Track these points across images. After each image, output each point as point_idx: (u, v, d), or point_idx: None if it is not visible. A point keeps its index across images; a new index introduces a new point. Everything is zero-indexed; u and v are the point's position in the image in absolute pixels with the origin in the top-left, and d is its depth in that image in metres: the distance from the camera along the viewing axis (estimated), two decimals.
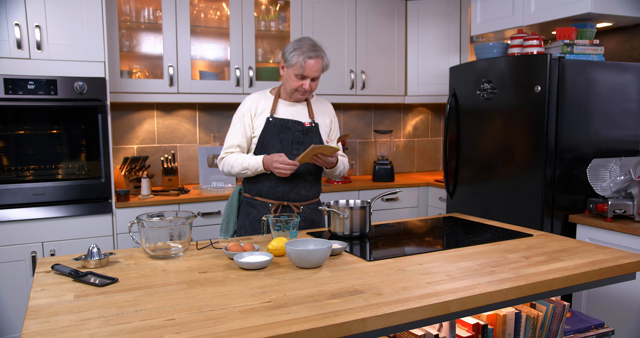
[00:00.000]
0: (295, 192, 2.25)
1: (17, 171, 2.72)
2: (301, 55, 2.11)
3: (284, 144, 2.21)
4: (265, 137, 2.21)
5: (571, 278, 1.52)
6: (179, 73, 3.25)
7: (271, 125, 2.21)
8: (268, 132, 2.21)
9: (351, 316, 1.20)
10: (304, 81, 2.16)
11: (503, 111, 2.85)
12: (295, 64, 2.13)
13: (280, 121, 2.22)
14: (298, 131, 2.23)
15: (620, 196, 2.54)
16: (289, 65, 2.16)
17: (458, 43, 3.86)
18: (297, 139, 2.23)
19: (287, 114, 2.25)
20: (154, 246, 1.72)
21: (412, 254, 1.75)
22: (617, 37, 3.11)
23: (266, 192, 2.24)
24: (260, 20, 3.57)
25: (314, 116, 2.30)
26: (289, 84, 2.20)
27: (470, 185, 3.14)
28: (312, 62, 2.12)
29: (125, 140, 3.48)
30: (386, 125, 4.33)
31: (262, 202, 2.25)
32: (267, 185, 2.23)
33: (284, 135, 2.21)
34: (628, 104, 2.78)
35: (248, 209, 2.28)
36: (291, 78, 2.18)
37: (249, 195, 2.29)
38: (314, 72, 2.15)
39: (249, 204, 2.28)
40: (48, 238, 2.75)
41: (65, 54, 2.75)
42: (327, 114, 2.37)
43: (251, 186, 2.28)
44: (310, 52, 2.12)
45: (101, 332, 1.12)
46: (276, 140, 2.20)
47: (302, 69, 2.13)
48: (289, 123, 2.22)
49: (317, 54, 2.14)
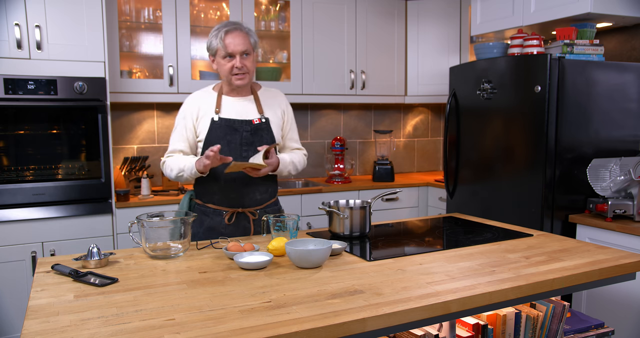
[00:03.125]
0: (250, 197, 2.09)
1: (17, 171, 2.72)
2: (216, 35, 1.99)
3: (231, 147, 2.03)
4: (211, 140, 2.03)
5: (571, 278, 1.52)
6: (179, 73, 3.25)
7: (216, 126, 2.04)
8: (213, 135, 2.03)
9: (351, 316, 1.20)
10: (232, 60, 2.00)
11: (503, 111, 2.85)
12: (216, 47, 2.00)
13: (226, 122, 2.04)
14: (246, 131, 2.05)
15: (620, 196, 2.54)
16: (213, 52, 2.03)
17: (458, 43, 3.86)
18: (246, 140, 2.05)
19: (233, 111, 2.08)
20: (154, 246, 1.72)
21: (412, 254, 1.75)
22: (617, 37, 3.11)
23: (218, 200, 2.08)
24: (260, 20, 3.57)
25: (262, 110, 2.12)
26: (223, 71, 2.03)
27: (470, 185, 3.14)
28: (230, 36, 1.98)
29: (125, 140, 3.48)
30: (386, 125, 4.33)
31: (215, 209, 2.08)
32: (218, 193, 2.08)
33: (231, 137, 2.04)
34: (628, 104, 2.78)
35: (201, 217, 2.10)
36: (220, 64, 2.02)
37: (201, 202, 2.12)
38: (238, 46, 1.99)
39: (202, 212, 2.11)
40: (48, 238, 2.75)
41: (65, 54, 2.75)
42: (278, 105, 2.17)
43: (203, 192, 2.11)
44: (224, 28, 2.00)
45: (101, 332, 1.12)
46: (223, 143, 2.01)
47: (224, 47, 1.98)
48: (236, 123, 2.05)
49: (233, 26, 2.01)
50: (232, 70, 2.01)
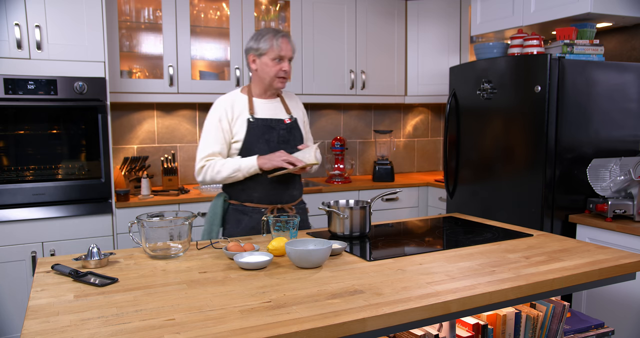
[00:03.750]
0: (288, 194, 2.20)
1: (17, 171, 2.72)
2: (272, 38, 2.10)
3: (270, 146, 2.13)
4: (250, 140, 2.12)
5: (571, 278, 1.52)
6: (179, 73, 3.25)
7: (253, 126, 2.13)
8: (252, 134, 2.12)
9: (351, 316, 1.20)
10: (282, 64, 2.12)
11: (503, 111, 2.85)
12: (270, 48, 2.10)
13: (262, 121, 2.15)
14: (282, 129, 2.17)
15: (620, 196, 2.54)
16: (262, 52, 2.12)
17: (458, 43, 3.86)
18: (282, 138, 2.17)
19: (266, 112, 2.18)
20: (154, 246, 1.72)
21: (412, 254, 1.75)
22: (617, 37, 3.11)
23: (258, 197, 2.16)
24: (260, 20, 3.57)
25: (290, 111, 2.26)
26: (267, 72, 2.13)
27: (470, 185, 3.14)
28: (285, 41, 2.13)
29: (125, 140, 3.48)
30: (386, 125, 4.33)
31: (254, 208, 2.16)
32: (259, 190, 2.15)
33: (268, 135, 2.14)
34: (628, 104, 2.78)
35: (238, 217, 2.17)
36: (268, 65, 2.12)
37: (237, 201, 2.19)
38: (290, 51, 2.14)
39: (239, 211, 2.17)
40: (48, 238, 2.75)
41: (65, 54, 2.75)
42: (299, 107, 2.34)
43: (239, 193, 2.18)
44: (279, 33, 2.12)
45: (101, 332, 1.12)
46: (262, 141, 2.12)
47: (278, 49, 2.10)
48: (272, 122, 2.16)
49: (285, 34, 2.15)
50: (278, 73, 2.13)
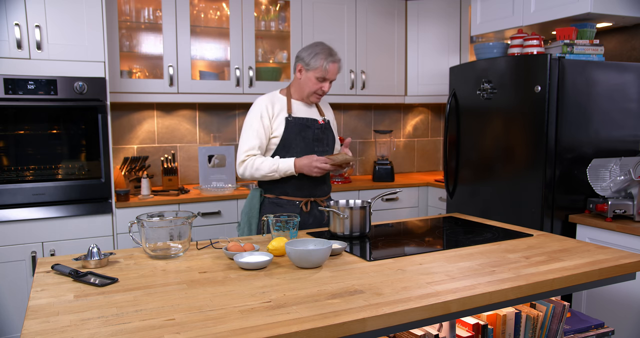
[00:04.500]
0: (320, 189, 2.35)
1: (17, 171, 2.72)
2: (324, 59, 2.23)
3: (306, 142, 2.29)
4: (288, 136, 2.27)
5: (571, 278, 1.52)
6: (179, 73, 3.25)
7: (291, 124, 2.28)
8: (290, 131, 2.27)
9: (351, 316, 1.20)
10: (323, 84, 2.27)
11: (503, 111, 2.85)
12: (318, 67, 2.23)
13: (299, 120, 2.29)
14: (317, 128, 2.33)
15: (620, 196, 2.54)
16: (311, 68, 2.24)
17: (458, 43, 3.86)
18: (317, 137, 2.33)
19: (302, 112, 2.34)
20: (154, 246, 1.72)
21: (412, 254, 1.75)
22: (617, 37, 3.11)
23: (292, 191, 2.29)
24: (260, 20, 3.57)
25: (323, 114, 2.42)
26: (308, 86, 2.28)
27: (470, 185, 3.14)
28: (335, 66, 2.26)
29: (125, 140, 3.48)
30: (386, 125, 4.33)
31: (289, 200, 2.30)
32: (293, 184, 2.28)
33: (305, 133, 2.29)
34: (628, 104, 2.78)
35: (274, 209, 2.30)
36: (311, 81, 2.26)
37: (273, 195, 2.32)
38: (335, 75, 2.29)
39: (275, 204, 2.31)
40: (48, 238, 2.75)
41: (65, 54, 2.74)
42: (330, 112, 2.51)
43: (273, 186, 2.32)
44: (332, 57, 2.25)
45: (101, 332, 1.12)
46: (299, 138, 2.28)
47: (325, 72, 2.23)
48: (308, 121, 2.31)
49: (337, 58, 2.28)
50: (318, 91, 2.29)
